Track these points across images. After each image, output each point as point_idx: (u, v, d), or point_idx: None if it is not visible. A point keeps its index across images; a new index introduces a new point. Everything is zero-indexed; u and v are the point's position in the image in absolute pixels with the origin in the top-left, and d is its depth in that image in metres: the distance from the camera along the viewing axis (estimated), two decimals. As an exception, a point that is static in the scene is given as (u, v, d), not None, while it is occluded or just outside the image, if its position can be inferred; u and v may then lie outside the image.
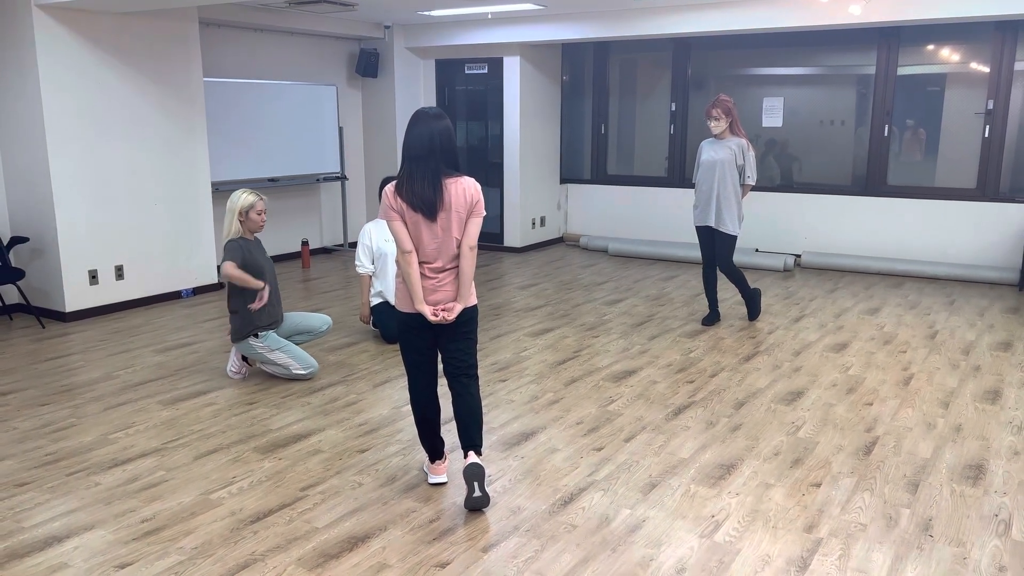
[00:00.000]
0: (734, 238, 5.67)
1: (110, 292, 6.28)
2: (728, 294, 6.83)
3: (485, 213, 3.22)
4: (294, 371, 4.64)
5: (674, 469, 3.53)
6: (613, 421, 4.08)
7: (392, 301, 5.19)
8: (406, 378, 3.51)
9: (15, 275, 5.77)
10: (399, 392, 4.51)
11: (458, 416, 3.23)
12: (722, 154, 5.57)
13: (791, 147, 8.41)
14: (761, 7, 6.92)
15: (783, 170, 8.48)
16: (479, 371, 4.83)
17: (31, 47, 5.63)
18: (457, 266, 3.14)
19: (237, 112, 7.55)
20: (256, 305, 4.50)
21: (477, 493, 3.12)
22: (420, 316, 3.14)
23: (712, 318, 5.91)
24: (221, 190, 7.48)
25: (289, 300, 6.70)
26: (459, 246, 3.13)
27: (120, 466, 3.58)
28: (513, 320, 6.10)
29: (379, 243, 5.30)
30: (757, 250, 8.30)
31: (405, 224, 3.07)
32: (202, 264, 6.96)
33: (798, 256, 8.16)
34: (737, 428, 3.99)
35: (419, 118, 3.07)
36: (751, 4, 6.95)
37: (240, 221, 4.54)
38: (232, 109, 7.49)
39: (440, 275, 3.14)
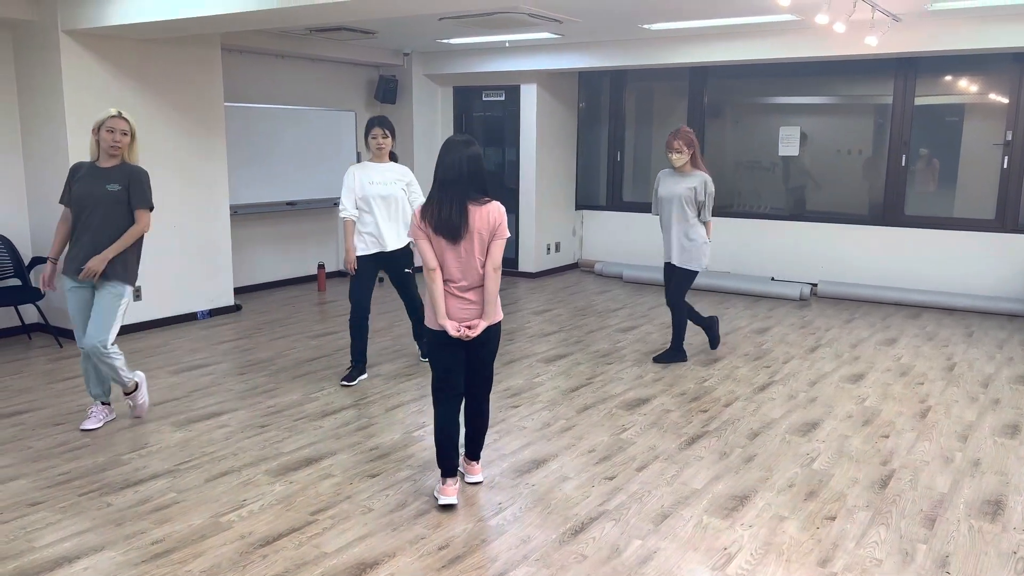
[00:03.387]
0: (693, 275, 5.44)
1: (128, 313, 6.32)
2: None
3: (508, 235, 3.33)
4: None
5: (686, 500, 3.50)
6: (625, 450, 4.05)
7: (375, 248, 5.00)
8: (431, 395, 3.62)
9: (34, 295, 5.84)
10: (411, 417, 4.51)
11: (469, 423, 3.56)
12: (680, 189, 5.32)
13: (807, 176, 8.39)
14: (778, 37, 6.95)
15: (799, 199, 8.46)
16: (491, 399, 4.83)
17: (57, 72, 5.75)
18: (483, 285, 3.30)
19: (257, 136, 7.65)
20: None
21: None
22: (442, 332, 3.31)
23: (713, 340, 5.71)
24: (240, 213, 7.56)
25: (304, 323, 6.73)
26: (483, 267, 3.28)
27: (132, 487, 3.59)
28: (526, 345, 6.09)
29: (363, 185, 4.95)
30: (773, 279, 8.26)
31: (431, 244, 3.27)
32: (219, 286, 7.01)
33: (814, 285, 8.11)
34: (751, 459, 3.95)
35: (451, 146, 3.27)
36: (768, 34, 6.98)
37: (96, 142, 4.10)
38: (252, 133, 7.59)
39: (467, 293, 3.32)
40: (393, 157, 5.13)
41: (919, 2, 5.67)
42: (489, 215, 3.25)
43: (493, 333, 3.38)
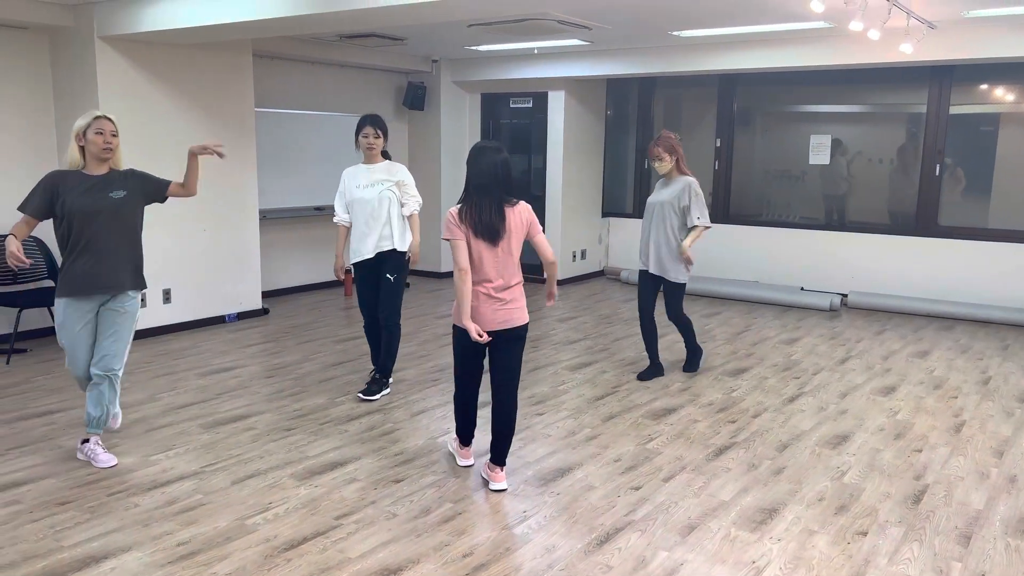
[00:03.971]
0: (682, 286, 5.25)
1: (157, 315, 6.41)
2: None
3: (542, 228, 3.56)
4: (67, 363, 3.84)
5: (714, 511, 3.45)
6: (652, 460, 4.01)
7: (357, 256, 4.78)
8: (453, 389, 3.77)
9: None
10: (436, 423, 4.50)
11: (495, 427, 3.60)
12: (664, 195, 5.14)
13: (838, 185, 8.29)
14: (810, 44, 6.88)
15: (830, 208, 8.35)
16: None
17: (92, 76, 5.83)
18: (518, 283, 3.56)
19: (286, 142, 7.71)
20: (14, 262, 3.53)
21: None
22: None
23: (652, 372, 5.37)
24: (268, 218, 7.63)
25: (330, 327, 6.76)
26: (519, 267, 3.56)
27: (159, 488, 3.61)
28: (551, 353, 6.06)
29: (350, 188, 4.75)
30: (802, 288, 8.16)
31: (467, 245, 3.37)
32: (247, 289, 7.07)
33: (844, 296, 8.00)
34: (780, 471, 3.88)
35: (484, 152, 3.40)
36: (800, 41, 6.91)
37: (80, 147, 3.71)
38: (281, 139, 7.66)
39: (502, 293, 3.45)
40: (386, 156, 4.84)
41: (955, 9, 5.58)
42: (521, 215, 3.46)
43: (520, 333, 3.51)
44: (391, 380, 5.09)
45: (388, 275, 4.80)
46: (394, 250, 4.78)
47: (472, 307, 3.40)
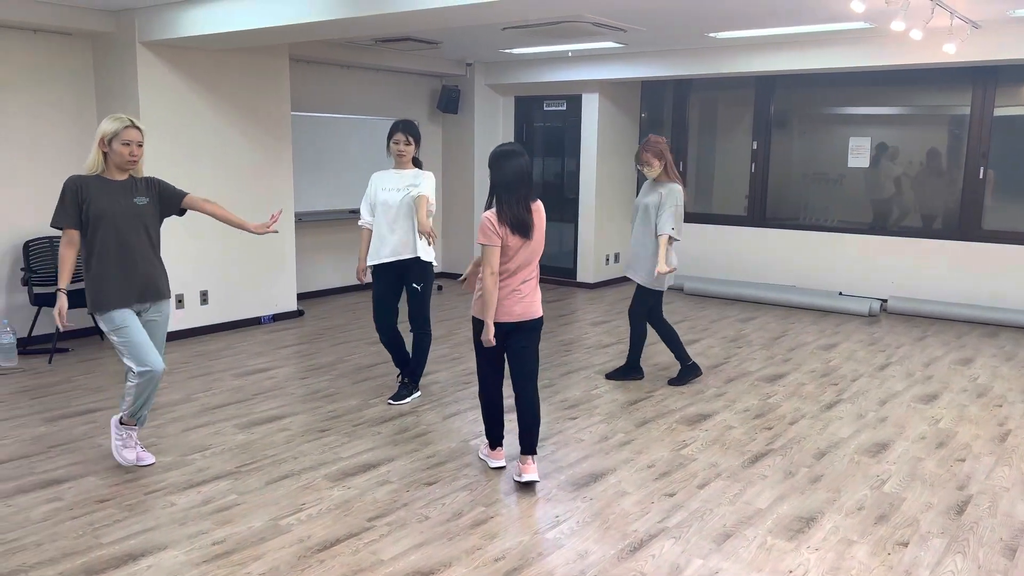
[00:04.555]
0: (647, 291, 5.13)
1: (195, 316, 6.50)
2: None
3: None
4: (127, 365, 3.64)
5: (750, 519, 3.39)
6: (686, 466, 3.96)
7: (375, 259, 4.72)
8: (477, 383, 3.91)
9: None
10: (469, 425, 4.49)
11: (520, 418, 3.72)
12: (647, 199, 5.06)
13: (879, 189, 8.14)
14: (851, 45, 6.77)
15: (869, 212, 8.20)
16: (546, 406, 4.79)
17: (133, 80, 5.94)
18: (535, 277, 3.68)
19: (321, 145, 7.78)
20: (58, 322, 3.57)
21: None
22: (495, 324, 3.56)
23: (678, 379, 5.26)
24: (304, 221, 7.70)
25: (364, 329, 6.79)
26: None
27: (195, 487, 3.65)
28: (584, 357, 6.03)
29: (377, 191, 4.71)
30: (841, 293, 8.02)
31: (502, 247, 3.53)
32: (283, 291, 7.14)
33: (884, 301, 7.85)
34: (818, 479, 3.81)
35: (509, 155, 3.56)
36: (840, 42, 6.80)
37: (104, 153, 3.56)
38: (316, 142, 7.73)
39: (524, 286, 3.63)
40: (417, 164, 4.77)
41: (1000, 8, 5.45)
42: (540, 212, 3.65)
43: (536, 325, 3.68)
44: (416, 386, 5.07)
45: (414, 285, 4.75)
46: (417, 259, 4.69)
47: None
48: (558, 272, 9.32)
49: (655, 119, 9.44)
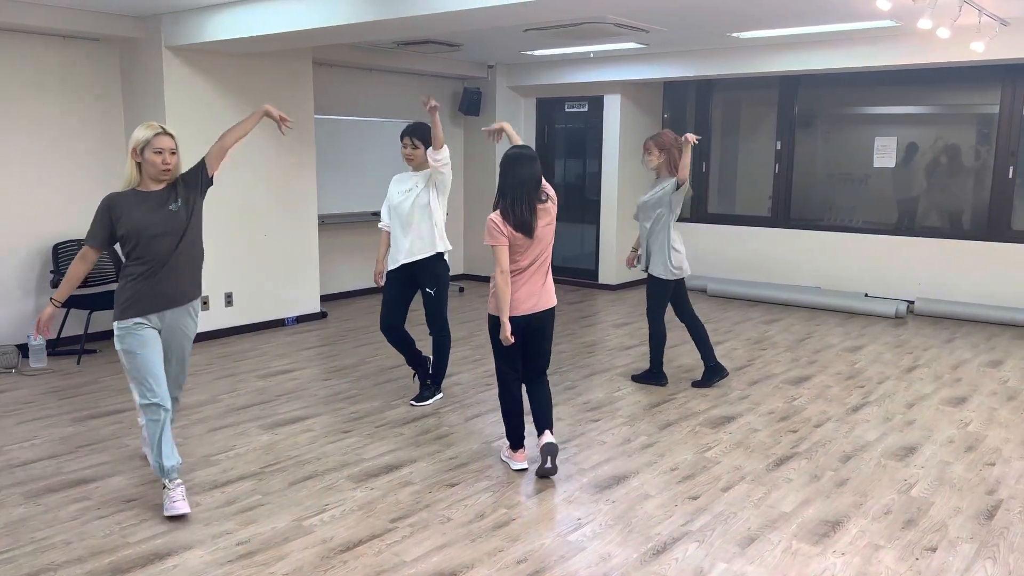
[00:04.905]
0: (658, 281, 5.12)
1: (219, 318, 6.56)
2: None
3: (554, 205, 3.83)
4: (134, 393, 3.44)
5: (775, 523, 3.36)
6: (710, 469, 3.93)
7: (392, 263, 4.76)
8: (496, 383, 3.94)
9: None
10: (491, 427, 4.49)
11: (535, 405, 3.87)
12: (648, 194, 5.11)
13: (905, 188, 8.04)
14: (876, 44, 6.69)
15: (895, 212, 8.10)
16: (568, 408, 4.78)
17: (159, 84, 6.01)
18: (548, 270, 3.82)
19: (344, 148, 7.82)
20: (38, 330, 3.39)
21: (548, 465, 3.73)
22: (512, 316, 3.68)
23: (703, 381, 5.25)
24: (327, 223, 7.74)
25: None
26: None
27: (219, 488, 3.68)
28: (606, 358, 6.00)
29: (392, 195, 4.77)
30: (867, 295, 7.93)
31: (508, 246, 3.64)
32: (306, 293, 7.18)
33: (911, 303, 7.75)
34: (843, 483, 3.77)
35: (520, 162, 3.67)
36: (866, 41, 6.73)
37: (137, 164, 3.42)
38: (339, 145, 7.77)
39: (536, 278, 3.75)
40: None
41: (1031, 5, 5.36)
42: (550, 211, 3.78)
43: (550, 313, 3.82)
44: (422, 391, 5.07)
45: (428, 290, 4.76)
46: (431, 259, 4.69)
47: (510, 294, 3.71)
48: (580, 274, 9.30)
49: (678, 120, 9.39)
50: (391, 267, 4.79)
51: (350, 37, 5.50)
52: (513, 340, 3.65)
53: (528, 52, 7.92)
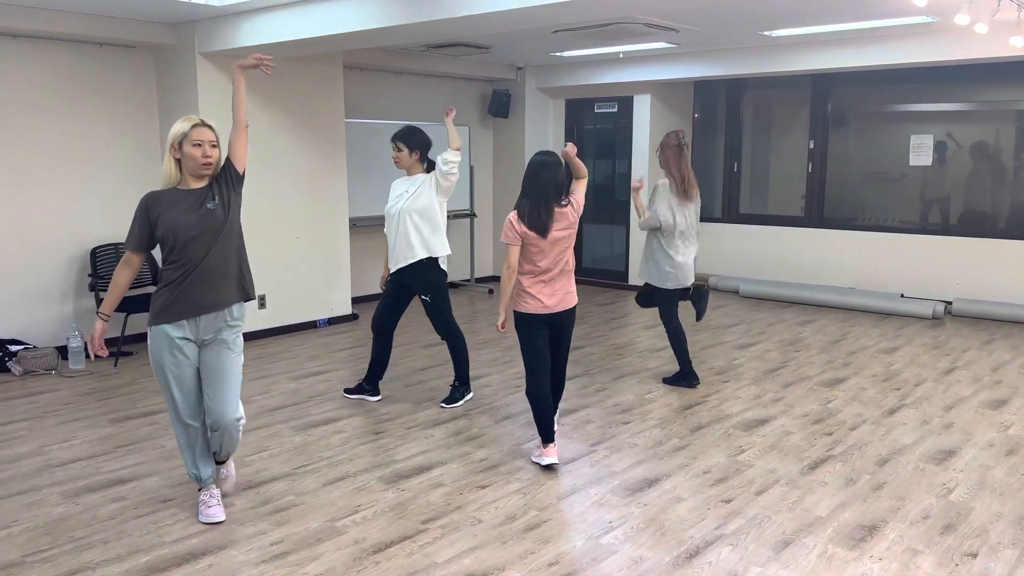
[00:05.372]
0: (658, 292, 5.18)
1: (253, 320, 6.62)
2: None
3: (579, 206, 3.97)
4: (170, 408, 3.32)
5: (810, 527, 3.31)
6: (743, 472, 3.89)
7: (393, 267, 4.83)
8: (526, 380, 3.99)
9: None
10: (521, 429, 4.49)
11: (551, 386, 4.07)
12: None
13: (942, 187, 7.90)
14: (912, 40, 6.58)
15: (932, 211, 7.96)
16: (598, 410, 4.75)
17: (194, 90, 6.10)
18: (570, 271, 3.98)
19: (374, 151, 7.87)
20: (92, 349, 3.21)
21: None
22: (538, 314, 3.89)
23: (674, 379, 5.30)
24: (358, 225, 7.80)
25: (416, 332, 6.84)
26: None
27: (253, 488, 3.72)
28: (637, 361, 5.97)
29: (391, 200, 4.85)
30: (903, 295, 7.80)
31: (519, 246, 3.85)
32: (338, 295, 7.24)
33: (949, 304, 7.60)
34: (880, 487, 3.70)
35: (543, 165, 3.86)
36: (901, 37, 6.62)
37: (176, 160, 3.22)
38: (370, 148, 7.82)
39: (559, 278, 3.91)
40: (430, 167, 4.85)
41: (1072, -2, 5.23)
42: (568, 215, 3.90)
43: (572, 313, 4.02)
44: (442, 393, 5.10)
45: (424, 297, 4.81)
46: (417, 265, 4.70)
47: (532, 294, 3.88)
48: (609, 275, 9.26)
49: (708, 119, 9.32)
50: (391, 271, 4.89)
51: (381, 41, 5.54)
52: (505, 330, 3.96)
53: (557, 53, 7.91)
